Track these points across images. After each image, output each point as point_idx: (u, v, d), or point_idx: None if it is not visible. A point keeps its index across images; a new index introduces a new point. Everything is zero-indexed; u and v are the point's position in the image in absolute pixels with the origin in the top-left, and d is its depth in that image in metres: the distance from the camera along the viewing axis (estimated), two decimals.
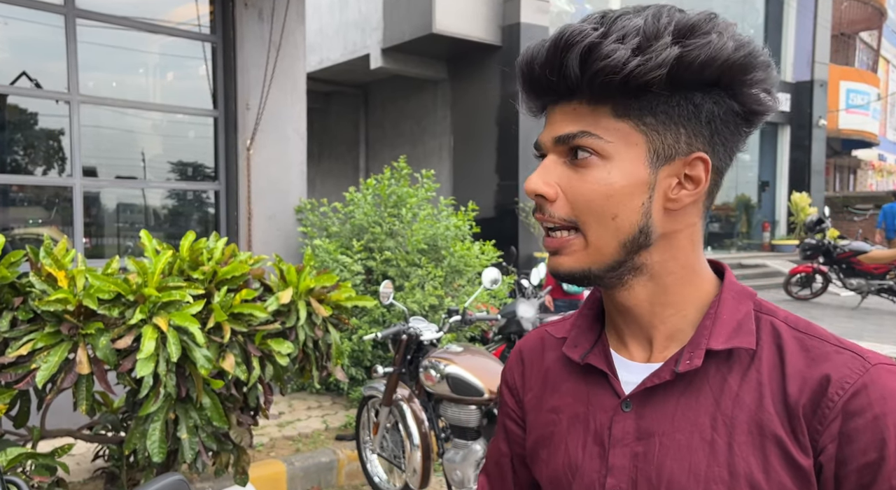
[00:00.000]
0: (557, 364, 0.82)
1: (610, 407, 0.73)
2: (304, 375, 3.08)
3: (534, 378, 0.84)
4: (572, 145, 0.68)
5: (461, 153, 10.16)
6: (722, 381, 0.68)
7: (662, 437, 0.68)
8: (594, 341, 0.78)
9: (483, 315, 3.66)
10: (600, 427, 0.73)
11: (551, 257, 0.72)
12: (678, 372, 0.68)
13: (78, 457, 3.52)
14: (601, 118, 0.67)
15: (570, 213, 0.68)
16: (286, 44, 5.07)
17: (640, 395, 0.71)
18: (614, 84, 0.64)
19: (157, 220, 5.23)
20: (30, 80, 4.44)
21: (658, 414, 0.70)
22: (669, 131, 0.67)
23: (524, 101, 0.74)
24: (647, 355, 0.74)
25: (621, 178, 0.67)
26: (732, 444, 0.65)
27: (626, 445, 0.70)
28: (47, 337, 2.30)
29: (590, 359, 0.76)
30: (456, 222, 5.15)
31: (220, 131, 5.05)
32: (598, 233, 0.68)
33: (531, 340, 0.88)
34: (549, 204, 0.69)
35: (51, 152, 4.69)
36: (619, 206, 0.67)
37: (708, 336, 0.69)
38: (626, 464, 0.70)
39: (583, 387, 0.77)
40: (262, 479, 3.39)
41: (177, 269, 2.72)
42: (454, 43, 9.09)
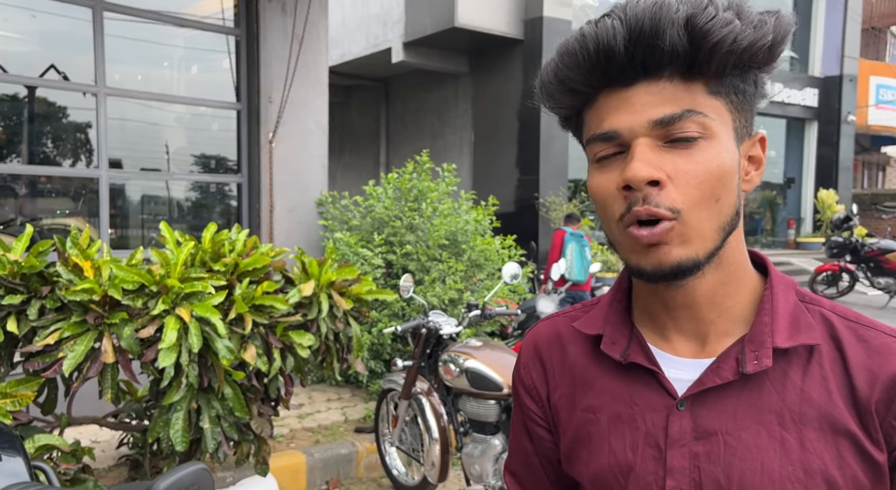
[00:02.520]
0: (585, 360, 0.78)
1: (661, 406, 0.69)
2: (324, 368, 3.10)
3: (558, 376, 0.80)
4: (675, 127, 0.63)
5: (482, 147, 10.12)
6: (783, 375, 0.66)
7: (727, 436, 0.66)
8: (629, 336, 0.74)
9: (503, 310, 3.65)
10: (652, 427, 0.69)
11: (652, 249, 0.64)
12: (746, 373, 0.65)
13: (103, 444, 3.58)
14: (698, 96, 0.63)
15: (677, 200, 0.62)
16: (309, 37, 5.08)
17: (695, 395, 0.68)
18: (725, 57, 0.61)
19: (179, 212, 5.30)
20: (58, 72, 4.50)
21: (717, 412, 0.67)
22: (745, 110, 0.66)
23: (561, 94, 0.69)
24: (694, 350, 0.70)
25: (729, 157, 0.64)
26: (804, 441, 0.64)
27: (684, 446, 0.67)
28: (74, 326, 2.33)
29: (631, 357, 0.72)
30: (476, 217, 5.14)
31: (242, 124, 5.09)
32: (701, 217, 0.63)
33: (545, 335, 0.83)
34: (656, 192, 0.62)
35: (78, 144, 4.77)
36: (725, 188, 0.64)
37: (771, 333, 0.66)
38: (685, 465, 0.67)
39: (621, 385, 0.73)
40: (283, 470, 3.43)
41: (199, 260, 2.75)
42: (476, 37, 9.05)
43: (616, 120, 0.65)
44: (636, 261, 0.66)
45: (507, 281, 3.55)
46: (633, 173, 0.62)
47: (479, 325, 4.73)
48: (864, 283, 9.40)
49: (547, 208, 8.77)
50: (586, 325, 0.78)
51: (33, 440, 2.29)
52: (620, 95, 0.65)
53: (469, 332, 4.58)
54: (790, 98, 13.70)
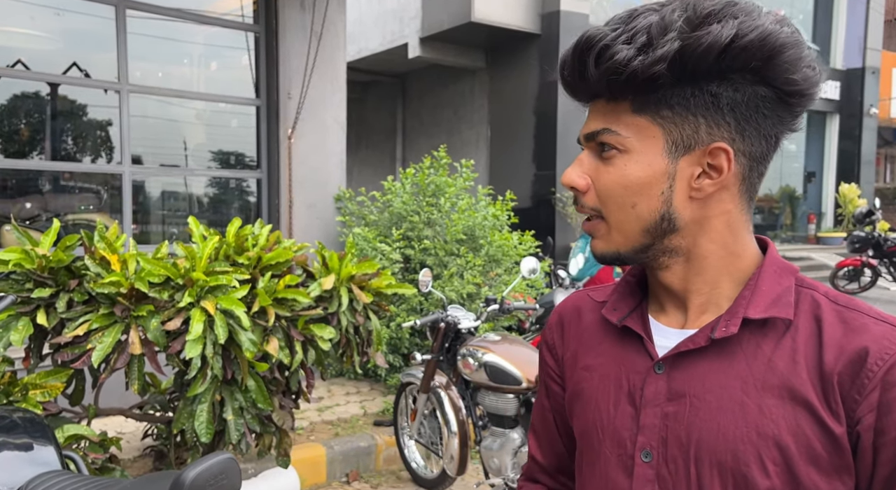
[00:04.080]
0: (594, 325, 0.86)
1: (643, 369, 0.76)
2: (344, 361, 3.13)
3: (571, 337, 0.88)
4: (598, 141, 0.73)
5: (498, 143, 10.10)
6: (756, 347, 0.71)
7: (693, 398, 0.71)
8: (633, 307, 0.81)
9: (521, 304, 3.65)
10: (633, 387, 0.76)
11: (592, 239, 0.78)
12: (714, 338, 0.71)
13: (128, 435, 3.64)
14: (621, 114, 0.71)
15: (596, 203, 0.74)
16: (327, 33, 5.11)
17: (672, 359, 0.74)
18: (623, 82, 0.68)
19: (200, 208, 5.36)
20: (80, 70, 4.57)
21: (689, 376, 0.72)
22: (687, 122, 0.70)
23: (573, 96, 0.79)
24: (682, 322, 0.77)
25: (638, 170, 0.71)
26: (763, 407, 0.68)
27: (656, 406, 0.73)
28: (102, 318, 2.38)
29: (627, 322, 0.80)
30: (494, 212, 5.14)
31: (261, 120, 5.13)
32: (619, 219, 0.74)
33: (569, 303, 0.93)
34: (581, 195, 0.75)
35: (100, 141, 4.84)
36: (637, 196, 0.72)
37: (746, 306, 0.71)
38: (656, 423, 0.73)
39: (618, 349, 0.80)
40: (303, 462, 3.47)
41: (223, 254, 2.79)
42: (493, 31, 9.02)
43: (582, 129, 0.76)
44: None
45: (525, 275, 3.55)
46: (563, 177, 0.76)
47: (497, 319, 4.73)
48: (886, 279, 9.28)
49: (563, 204, 8.74)
50: (598, 294, 0.89)
51: (63, 430, 2.34)
52: (588, 107, 0.76)
53: (487, 326, 4.59)
54: None
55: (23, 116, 4.56)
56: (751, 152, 0.71)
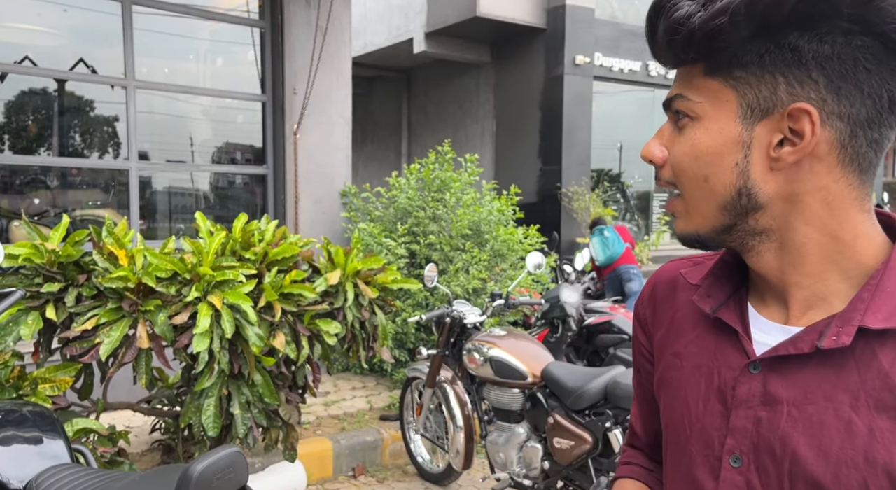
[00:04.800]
0: (687, 308, 0.78)
1: (737, 366, 0.68)
2: (350, 356, 3.14)
3: (663, 317, 0.82)
4: (673, 109, 0.68)
5: (504, 137, 10.09)
6: (871, 357, 0.61)
7: (791, 407, 0.63)
8: (730, 293, 0.73)
9: (526, 299, 3.66)
10: (724, 384, 0.69)
11: (673, 219, 0.72)
12: (821, 348, 0.62)
13: (136, 429, 3.67)
14: (694, 78, 0.65)
15: (671, 176, 0.68)
16: (332, 28, 5.11)
17: (771, 359, 0.66)
18: (685, 41, 0.62)
19: (206, 203, 5.38)
20: (86, 66, 4.59)
21: (788, 381, 0.64)
22: (763, 83, 0.61)
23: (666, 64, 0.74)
24: (783, 316, 0.68)
25: (708, 138, 0.64)
26: (874, 429, 0.59)
27: (749, 408, 0.66)
28: (110, 313, 2.40)
29: (721, 313, 0.71)
30: (499, 207, 5.14)
31: (267, 116, 5.14)
32: (693, 194, 0.67)
33: (664, 278, 0.84)
34: (659, 168, 0.69)
35: (107, 136, 4.86)
36: (709, 167, 0.65)
37: (863, 311, 0.61)
38: (748, 427, 0.66)
39: (710, 339, 0.73)
40: (310, 456, 3.49)
41: (230, 249, 2.80)
42: (498, 26, 8.99)
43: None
44: None
45: (530, 270, 3.56)
46: (642, 150, 0.70)
47: (502, 314, 4.75)
48: None
49: (569, 198, 8.73)
50: (693, 275, 0.78)
51: (72, 424, 2.36)
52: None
53: (493, 321, 4.60)
54: None
55: (30, 113, 4.58)
56: (851, 115, 0.59)
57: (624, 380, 2.61)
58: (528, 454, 2.89)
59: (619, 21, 9.39)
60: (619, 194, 9.98)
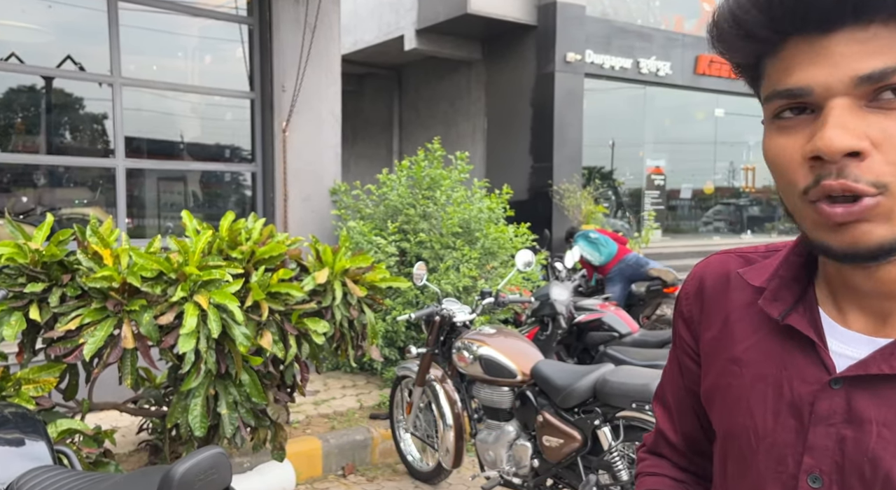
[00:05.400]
0: (744, 310, 0.71)
1: (814, 379, 0.63)
2: (339, 355, 3.13)
3: (713, 317, 0.75)
4: (888, 84, 0.52)
5: (495, 135, 10.08)
6: None
7: (882, 427, 0.59)
8: (798, 296, 0.67)
9: (516, 297, 3.65)
10: (799, 399, 0.63)
11: (846, 227, 0.55)
12: None
13: (123, 430, 3.65)
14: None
15: (884, 173, 0.52)
16: (321, 25, 5.08)
17: (855, 376, 0.60)
18: None
19: (195, 201, 5.34)
20: (74, 63, 4.55)
21: (878, 399, 0.59)
22: None
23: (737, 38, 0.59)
24: (869, 326, 0.62)
25: None
26: None
27: (831, 426, 0.61)
28: (94, 312, 2.37)
29: (792, 319, 0.65)
30: (490, 205, 5.14)
31: (256, 113, 5.11)
32: None
33: (715, 273, 0.77)
34: (855, 164, 0.53)
35: (94, 134, 4.82)
36: None
37: None
38: (829, 445, 0.61)
39: (776, 346, 0.67)
40: (299, 456, 3.47)
41: (216, 248, 2.78)
42: (489, 23, 8.98)
43: (808, 74, 0.55)
44: (821, 238, 0.57)
45: (520, 268, 3.55)
46: (829, 143, 0.52)
47: (492, 312, 4.74)
48: None
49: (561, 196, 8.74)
50: (753, 275, 0.71)
51: (56, 425, 2.34)
52: (816, 43, 0.54)
53: (483, 319, 4.59)
54: None
55: (16, 110, 4.54)
56: None
57: (613, 377, 2.60)
58: (518, 452, 2.88)
59: (609, 18, 9.40)
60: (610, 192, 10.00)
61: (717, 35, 0.60)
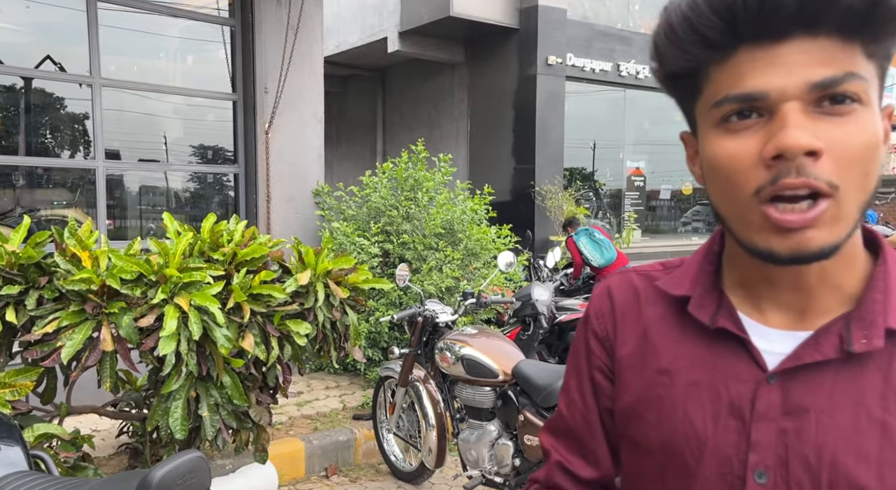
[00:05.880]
0: (663, 322, 0.73)
1: (749, 377, 0.65)
2: (322, 356, 3.13)
3: (629, 331, 0.75)
4: (834, 92, 0.55)
5: (478, 137, 10.12)
6: (889, 357, 0.61)
7: (819, 414, 0.61)
8: (719, 301, 0.69)
9: (498, 298, 3.68)
10: (738, 399, 0.65)
11: (795, 234, 0.57)
12: (852, 352, 0.60)
13: (103, 433, 3.61)
14: (856, 58, 0.56)
15: (835, 176, 0.55)
16: (304, 27, 5.07)
17: (789, 369, 0.63)
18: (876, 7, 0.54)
19: (177, 203, 5.31)
20: (54, 63, 4.50)
21: (811, 389, 0.62)
22: (884, 78, 0.59)
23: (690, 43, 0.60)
24: (788, 322, 0.65)
25: (880, 129, 0.57)
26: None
27: (771, 420, 0.63)
28: (72, 315, 2.35)
29: (721, 322, 0.67)
30: (472, 206, 5.16)
31: (238, 115, 5.08)
32: (854, 197, 0.56)
33: (622, 289, 0.78)
34: (811, 163, 0.55)
35: (74, 135, 4.77)
36: (875, 163, 0.57)
37: (883, 312, 0.61)
38: (772, 440, 0.63)
39: (705, 351, 0.68)
40: (281, 457, 3.46)
41: (197, 250, 2.77)
42: (472, 26, 9.02)
43: (764, 79, 0.57)
44: (768, 244, 0.59)
45: (502, 269, 3.57)
46: (793, 141, 0.55)
47: (475, 313, 4.77)
48: None
49: (543, 197, 8.79)
50: (672, 286, 0.73)
51: (32, 429, 2.32)
52: (768, 52, 0.56)
53: (465, 319, 4.61)
54: None
55: None
56: None
57: None
58: (500, 452, 2.90)
59: (590, 22, 9.48)
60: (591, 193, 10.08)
61: (669, 38, 0.61)
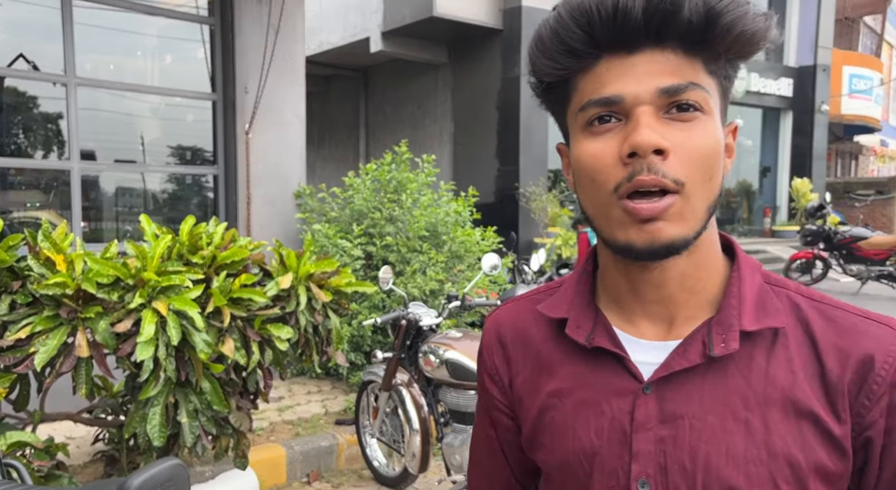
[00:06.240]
0: (548, 344, 0.76)
1: (627, 390, 0.68)
2: (304, 360, 3.08)
3: (520, 360, 0.78)
4: (679, 99, 0.62)
5: (462, 138, 10.11)
6: (748, 358, 0.66)
7: (692, 419, 0.65)
8: (594, 319, 0.72)
9: (483, 300, 3.65)
10: (618, 412, 0.68)
11: (647, 225, 0.62)
12: (713, 356, 0.65)
13: (78, 440, 3.53)
14: (699, 71, 0.63)
15: (681, 174, 0.61)
16: (285, 26, 5.01)
17: (662, 378, 0.67)
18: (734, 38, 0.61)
19: (155, 205, 5.22)
20: (27, 62, 4.40)
21: (683, 396, 0.66)
22: (725, 96, 0.66)
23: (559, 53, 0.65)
24: (659, 333, 0.69)
25: (720, 137, 0.64)
26: (768, 423, 0.64)
27: (649, 430, 0.66)
28: (46, 320, 2.29)
29: (597, 341, 0.71)
30: (456, 208, 5.14)
31: (218, 115, 5.01)
32: (699, 195, 0.62)
33: (507, 319, 0.82)
34: (660, 162, 0.61)
35: (48, 135, 4.67)
36: (718, 166, 0.64)
37: (738, 316, 0.66)
38: (651, 449, 0.66)
39: (586, 369, 0.72)
40: (262, 463, 3.41)
41: (176, 253, 2.71)
42: (455, 26, 9.01)
43: (621, 85, 0.63)
44: (627, 236, 0.64)
45: (486, 272, 3.55)
46: (644, 138, 0.60)
47: (459, 315, 4.74)
48: (836, 271, 9.59)
49: (527, 198, 8.80)
50: (551, 309, 0.76)
51: (5, 437, 2.25)
52: (624, 61, 0.63)
53: (449, 323, 4.58)
54: (766, 88, 13.86)
55: None
56: None
57: None
58: None
59: None
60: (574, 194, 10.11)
61: (541, 50, 0.67)
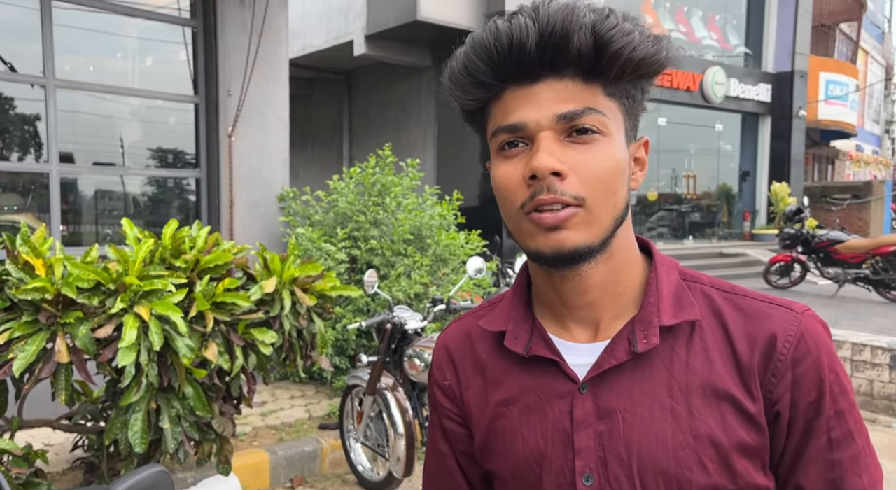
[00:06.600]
0: (494, 357, 0.81)
1: (566, 392, 0.73)
2: (288, 365, 3.06)
3: (469, 374, 0.83)
4: (577, 123, 0.67)
5: (446, 141, 10.12)
6: (670, 351, 0.72)
7: (625, 413, 0.71)
8: (531, 330, 0.78)
9: (467, 304, 3.66)
10: (559, 414, 0.73)
11: (553, 233, 0.68)
12: (638, 352, 0.70)
13: (56, 447, 3.47)
14: (597, 96, 0.68)
15: (581, 191, 0.67)
16: (268, 29, 4.99)
17: (595, 377, 0.72)
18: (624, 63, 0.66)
19: (136, 208, 5.16)
20: (4, 63, 4.33)
21: (615, 392, 0.71)
22: (634, 115, 0.73)
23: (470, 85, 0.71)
24: (590, 335, 0.75)
25: (621, 154, 0.70)
26: (692, 409, 0.69)
27: (588, 426, 0.72)
28: (24, 326, 2.25)
29: (534, 350, 0.76)
30: (441, 211, 5.14)
31: (201, 118, 4.97)
32: (602, 208, 0.68)
33: (455, 336, 0.87)
34: (559, 182, 0.67)
35: (26, 138, 4.59)
36: (619, 182, 0.69)
37: (657, 312, 0.72)
38: (591, 445, 0.71)
39: (528, 377, 0.77)
40: (245, 469, 3.38)
41: (158, 257, 2.68)
42: (438, 30, 9.02)
43: (523, 113, 0.68)
44: (536, 244, 0.69)
45: (471, 275, 3.56)
46: (540, 163, 0.66)
47: (444, 319, 4.74)
48: (814, 273, 9.73)
49: None
50: (491, 323, 0.81)
51: None
52: (527, 91, 0.68)
53: (434, 326, 4.58)
54: (745, 93, 14.05)
55: None
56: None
57: None
58: None
59: None
60: None
61: (454, 83, 0.73)
